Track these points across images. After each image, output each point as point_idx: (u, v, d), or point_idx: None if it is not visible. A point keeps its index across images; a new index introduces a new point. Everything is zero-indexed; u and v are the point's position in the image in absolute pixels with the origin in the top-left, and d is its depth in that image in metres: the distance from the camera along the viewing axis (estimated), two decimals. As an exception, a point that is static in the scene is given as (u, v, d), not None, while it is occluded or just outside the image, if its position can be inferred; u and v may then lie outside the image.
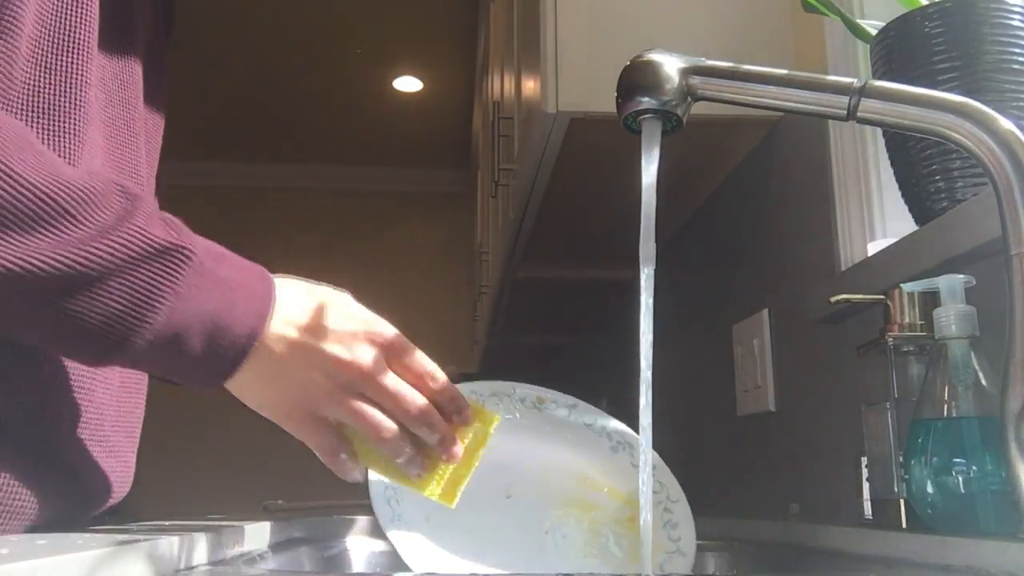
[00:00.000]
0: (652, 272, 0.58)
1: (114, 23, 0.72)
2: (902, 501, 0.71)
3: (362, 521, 0.91)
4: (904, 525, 0.71)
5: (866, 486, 0.79)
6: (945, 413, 0.64)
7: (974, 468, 0.61)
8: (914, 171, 0.82)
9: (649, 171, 0.60)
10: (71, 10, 0.66)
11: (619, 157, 1.34)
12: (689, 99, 0.62)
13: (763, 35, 1.22)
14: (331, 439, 0.62)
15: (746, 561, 0.85)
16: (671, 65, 0.61)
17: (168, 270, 0.54)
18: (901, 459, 0.69)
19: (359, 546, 0.89)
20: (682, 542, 0.81)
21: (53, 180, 0.52)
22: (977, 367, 0.63)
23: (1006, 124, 0.52)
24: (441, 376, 0.64)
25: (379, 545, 0.89)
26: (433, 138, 4.51)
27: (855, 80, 0.57)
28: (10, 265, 0.49)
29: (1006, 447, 0.51)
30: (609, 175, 1.44)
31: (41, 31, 0.64)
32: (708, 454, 1.55)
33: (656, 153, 0.61)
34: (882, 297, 0.77)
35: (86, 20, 0.67)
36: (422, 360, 0.64)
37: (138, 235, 0.53)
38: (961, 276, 0.66)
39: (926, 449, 0.63)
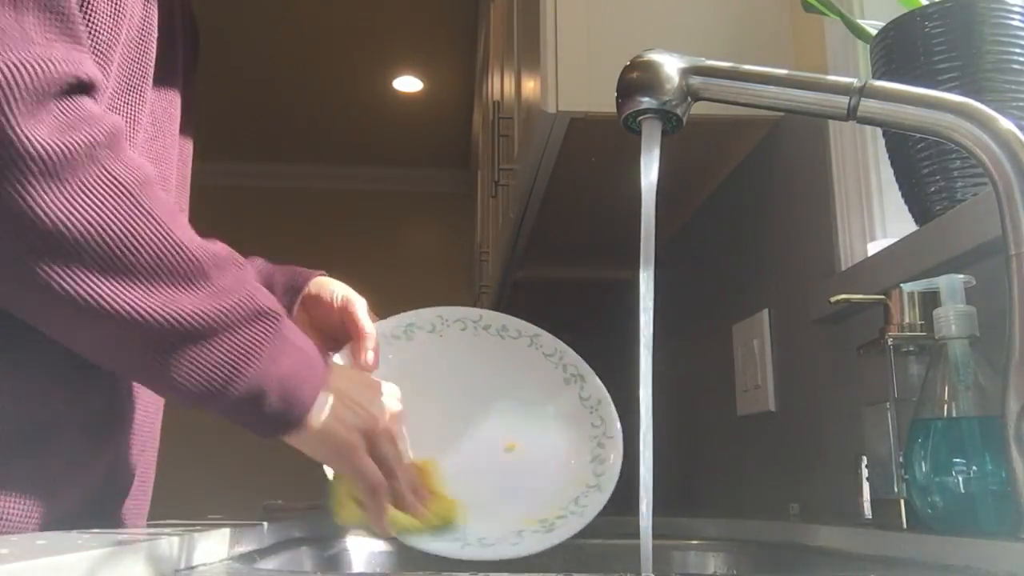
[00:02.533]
0: (652, 272, 0.58)
1: (163, 61, 0.77)
2: (902, 501, 0.71)
3: (362, 521, 0.91)
4: (904, 525, 0.71)
5: (866, 486, 0.79)
6: (945, 413, 0.64)
7: (974, 468, 0.61)
8: (914, 171, 0.82)
9: (649, 171, 0.60)
10: (137, 53, 0.71)
11: (619, 157, 1.34)
12: (689, 99, 0.62)
13: (763, 35, 1.22)
14: (375, 479, 0.72)
15: (746, 561, 0.85)
16: (671, 65, 0.61)
17: (264, 332, 0.62)
18: (901, 459, 0.69)
19: (359, 546, 0.89)
20: (603, 478, 0.83)
21: (199, 246, 0.60)
22: (977, 367, 0.63)
23: (1006, 124, 0.52)
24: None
25: (379, 545, 0.89)
26: (433, 138, 4.50)
27: (855, 80, 0.57)
28: (157, 314, 0.57)
29: (1006, 447, 0.51)
30: (609, 175, 1.44)
31: (116, 72, 0.69)
32: (708, 454, 1.55)
33: (656, 153, 0.61)
34: (882, 297, 0.77)
35: (145, 62, 0.72)
36: (395, 435, 0.75)
37: (248, 298, 0.62)
38: (961, 276, 0.66)
39: (926, 449, 0.63)
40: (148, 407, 0.78)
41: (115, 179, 0.56)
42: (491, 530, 0.79)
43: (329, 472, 0.77)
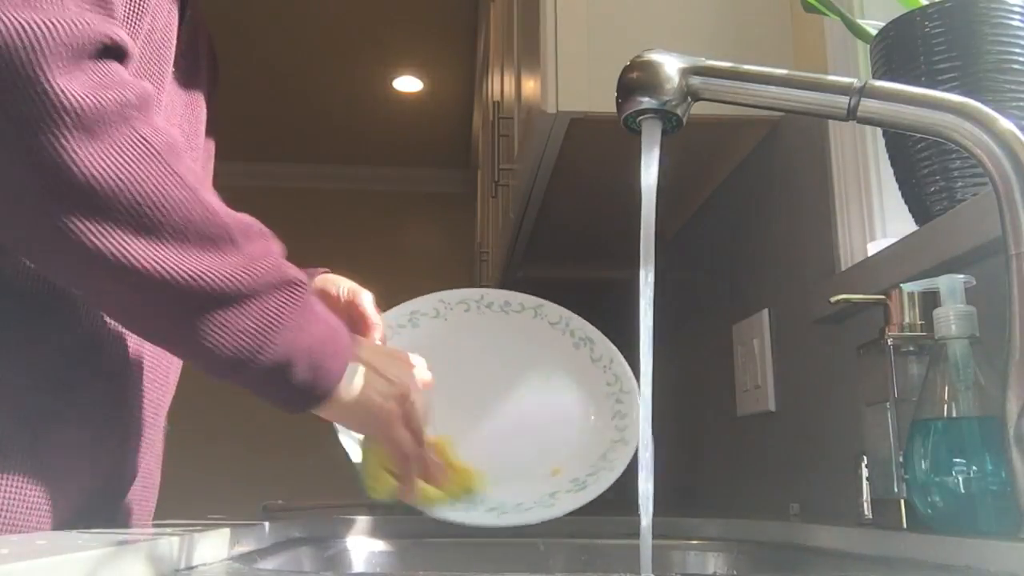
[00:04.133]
0: (652, 272, 0.58)
1: (189, 74, 0.81)
2: (902, 501, 0.71)
3: (362, 521, 0.91)
4: (904, 525, 0.71)
5: (866, 486, 0.79)
6: (945, 413, 0.64)
7: (974, 468, 0.61)
8: (914, 171, 0.82)
9: (649, 171, 0.60)
10: (156, 55, 0.73)
11: (619, 157, 1.34)
12: (689, 99, 0.62)
13: (763, 35, 1.22)
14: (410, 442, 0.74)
15: (746, 561, 0.85)
16: (671, 65, 0.61)
17: (292, 301, 0.63)
18: (901, 459, 0.69)
19: (359, 546, 0.89)
20: (627, 432, 0.84)
21: (227, 212, 0.61)
22: (977, 367, 0.63)
23: (1006, 124, 0.52)
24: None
25: (379, 545, 0.89)
26: (433, 138, 4.50)
27: (855, 80, 0.57)
28: (186, 275, 0.57)
29: (1006, 447, 0.51)
30: (609, 175, 1.44)
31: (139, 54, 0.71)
32: (708, 454, 1.55)
33: (656, 153, 0.61)
34: (882, 297, 0.77)
35: (162, 65, 0.74)
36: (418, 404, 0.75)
37: (276, 266, 0.62)
38: (961, 276, 0.66)
39: (926, 449, 0.63)
40: (153, 407, 0.78)
41: (145, 140, 0.56)
42: (525, 496, 0.80)
43: (352, 452, 0.78)
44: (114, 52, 0.58)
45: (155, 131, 0.58)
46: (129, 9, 0.67)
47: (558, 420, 0.88)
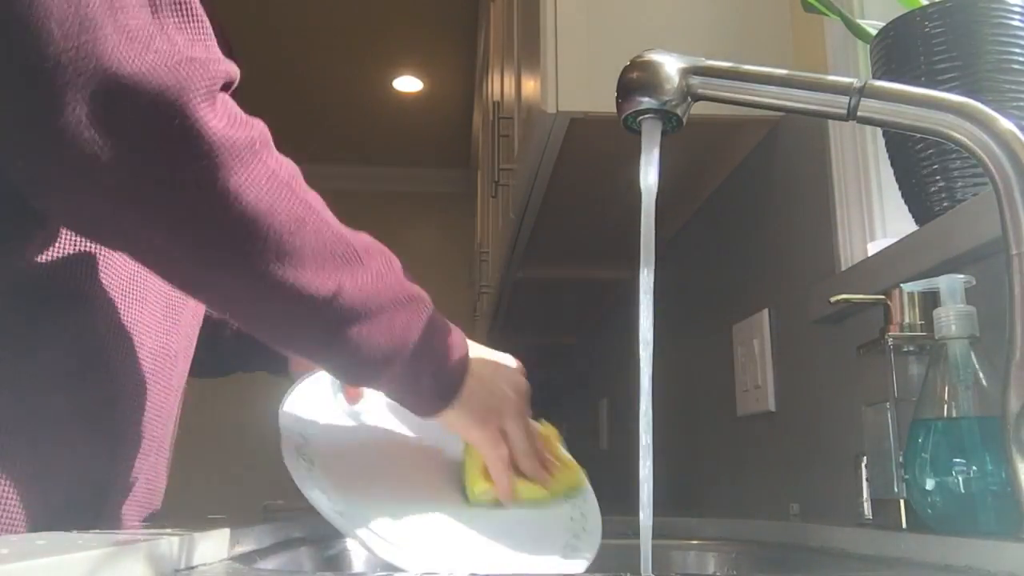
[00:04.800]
0: (652, 272, 0.58)
1: None
2: (902, 501, 0.71)
3: (362, 521, 0.91)
4: (904, 525, 0.71)
5: (866, 486, 0.79)
6: (945, 413, 0.64)
7: (974, 468, 0.61)
8: (914, 171, 0.82)
9: (649, 171, 0.60)
10: None
11: (619, 157, 1.34)
12: (689, 99, 0.62)
13: (763, 35, 1.22)
14: (507, 452, 0.76)
15: (746, 561, 0.85)
16: (671, 65, 0.61)
17: (418, 314, 0.68)
18: (901, 459, 0.69)
19: (359, 546, 0.89)
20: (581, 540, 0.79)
21: (350, 231, 0.65)
22: (977, 367, 0.63)
23: (1006, 124, 0.52)
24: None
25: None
26: (433, 138, 4.51)
27: (855, 80, 0.57)
28: (326, 293, 0.61)
29: (1006, 447, 0.51)
30: (609, 175, 1.44)
31: None
32: (708, 454, 1.55)
33: (656, 153, 0.61)
34: (882, 297, 0.77)
35: None
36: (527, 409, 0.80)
37: (400, 283, 0.67)
38: (961, 276, 0.66)
39: (926, 449, 0.63)
40: (156, 410, 0.78)
41: (275, 172, 0.60)
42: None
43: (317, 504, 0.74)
44: (229, 85, 0.60)
45: (279, 162, 0.62)
46: None
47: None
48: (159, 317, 0.76)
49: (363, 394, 0.85)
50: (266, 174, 0.59)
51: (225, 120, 0.57)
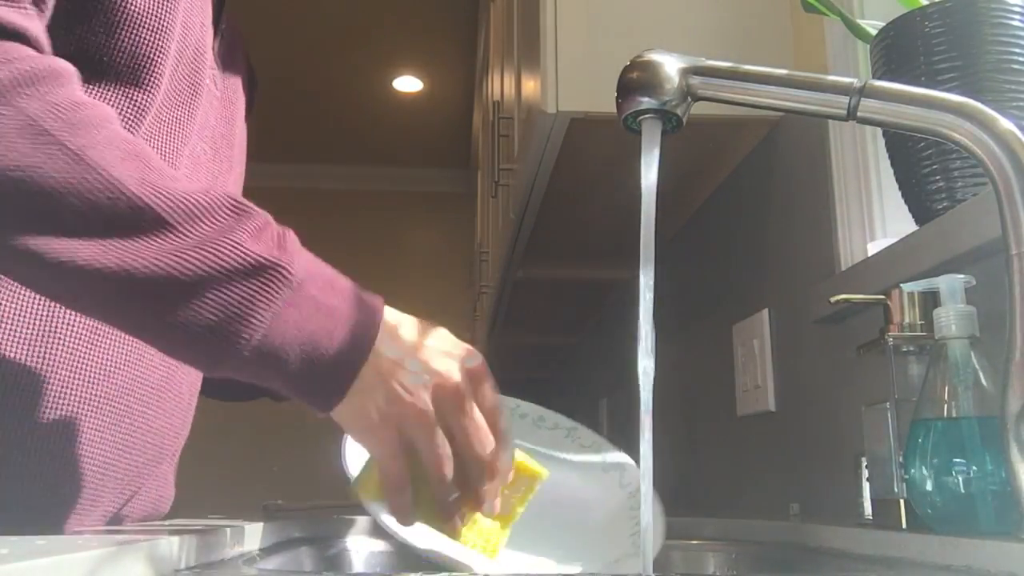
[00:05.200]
0: (652, 272, 0.58)
1: (223, 74, 0.82)
2: (902, 501, 0.71)
3: (362, 521, 0.91)
4: (904, 525, 0.71)
5: (866, 486, 0.79)
6: (945, 413, 0.64)
7: (974, 468, 0.61)
8: (914, 171, 0.82)
9: (649, 171, 0.60)
10: (191, 72, 0.73)
11: (619, 157, 1.34)
12: (689, 99, 0.62)
13: (763, 35, 1.22)
14: (405, 469, 0.58)
15: (746, 561, 0.85)
16: (671, 65, 0.61)
17: (265, 287, 0.53)
18: (901, 459, 0.68)
19: (359, 546, 0.89)
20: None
21: (154, 190, 0.52)
22: (977, 367, 0.63)
23: (1006, 124, 0.52)
24: (503, 420, 0.61)
25: (379, 545, 0.89)
26: (433, 138, 4.51)
27: (855, 80, 0.57)
28: (110, 265, 0.50)
29: (1006, 447, 0.51)
30: (609, 175, 1.44)
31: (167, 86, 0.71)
32: (708, 454, 1.55)
33: (656, 153, 0.61)
34: (882, 297, 0.77)
35: (197, 80, 0.75)
36: (495, 395, 0.61)
37: (235, 249, 0.53)
38: (961, 276, 0.66)
39: (926, 449, 0.63)
40: (167, 419, 0.78)
41: (31, 118, 0.51)
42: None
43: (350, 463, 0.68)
44: (10, 35, 0.55)
45: (49, 106, 0.52)
46: (156, 23, 0.67)
47: (577, 535, 0.85)
48: None
49: None
50: (15, 123, 0.50)
51: None
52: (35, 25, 0.58)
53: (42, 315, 0.65)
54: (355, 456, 0.71)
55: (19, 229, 0.50)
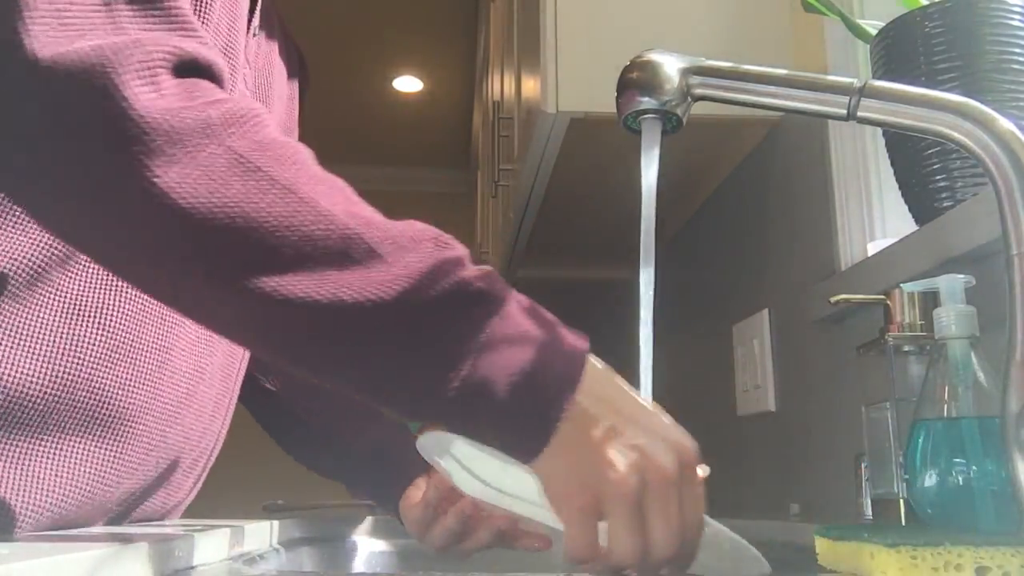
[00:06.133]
0: (652, 272, 0.58)
1: (260, 73, 0.83)
2: (902, 501, 0.71)
3: (362, 521, 0.91)
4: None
5: (866, 486, 0.79)
6: (945, 413, 0.64)
7: (974, 468, 0.61)
8: (914, 171, 0.82)
9: (649, 171, 0.60)
10: (224, 54, 0.72)
11: (619, 157, 1.34)
12: (689, 99, 0.62)
13: (763, 35, 1.22)
14: (596, 543, 0.52)
15: (746, 561, 0.84)
16: (671, 65, 0.61)
17: (477, 317, 0.50)
18: (901, 459, 0.68)
19: (359, 546, 0.89)
20: None
21: (363, 222, 0.52)
22: (977, 367, 0.63)
23: (1006, 124, 0.52)
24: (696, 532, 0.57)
25: (379, 545, 0.89)
26: (433, 138, 4.50)
27: (855, 80, 0.57)
28: (324, 298, 0.48)
29: (1006, 447, 0.51)
30: (609, 175, 1.44)
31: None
32: (708, 454, 1.54)
33: (656, 153, 0.61)
34: (882, 297, 0.77)
35: (232, 65, 0.74)
36: (701, 501, 0.58)
37: (446, 277, 0.51)
38: (961, 276, 0.65)
39: (926, 449, 0.63)
40: (188, 430, 0.77)
41: (240, 156, 0.51)
42: None
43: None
44: (195, 70, 0.54)
45: (255, 145, 0.52)
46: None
47: None
48: (193, 339, 0.74)
49: None
50: (225, 161, 0.50)
51: (172, 99, 0.50)
52: (217, 56, 0.57)
53: (61, 332, 0.64)
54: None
55: (237, 268, 0.49)
